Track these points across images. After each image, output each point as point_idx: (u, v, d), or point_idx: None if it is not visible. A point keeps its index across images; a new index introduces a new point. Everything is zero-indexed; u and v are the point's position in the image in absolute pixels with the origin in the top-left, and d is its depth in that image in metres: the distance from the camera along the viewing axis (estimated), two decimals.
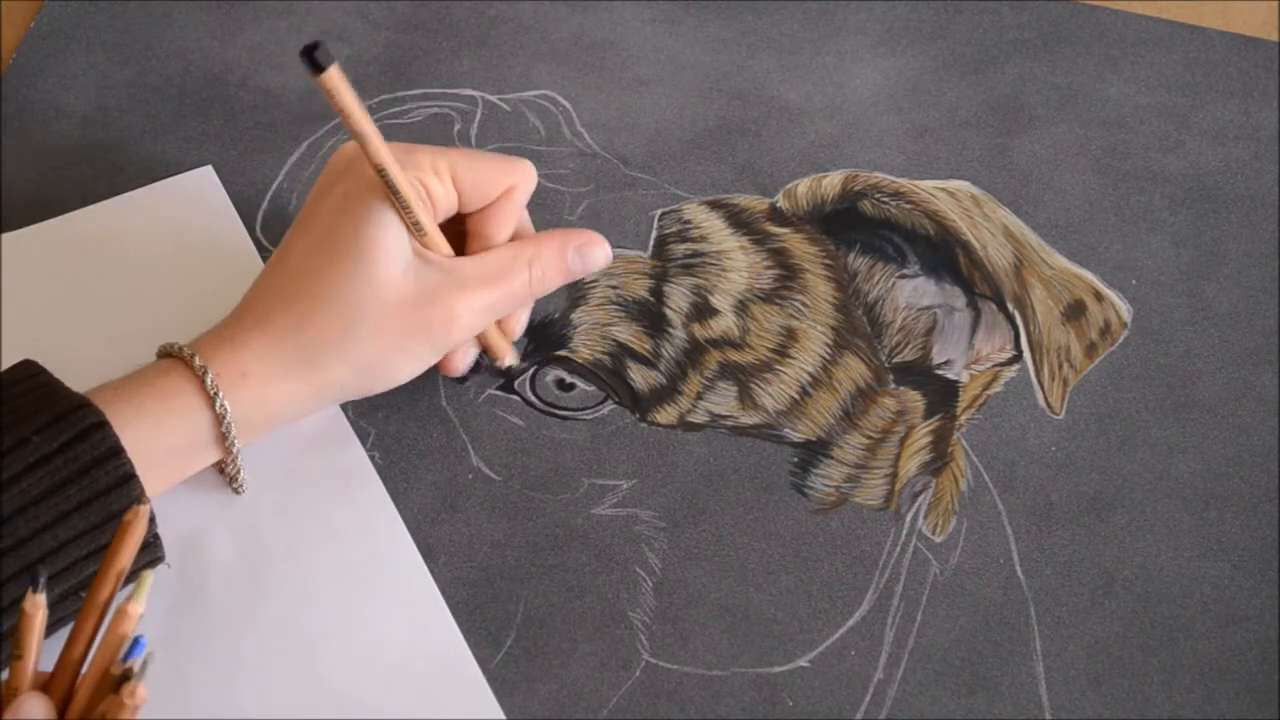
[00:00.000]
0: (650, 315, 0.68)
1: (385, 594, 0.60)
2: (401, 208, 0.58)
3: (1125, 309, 0.69)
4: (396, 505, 0.63)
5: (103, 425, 0.54)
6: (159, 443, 0.57)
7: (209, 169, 0.73)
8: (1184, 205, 0.73)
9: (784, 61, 0.78)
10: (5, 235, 0.69)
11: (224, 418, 0.57)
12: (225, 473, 0.61)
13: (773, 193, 0.73)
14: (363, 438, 0.64)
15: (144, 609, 0.46)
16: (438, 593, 0.60)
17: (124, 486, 0.54)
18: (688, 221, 0.71)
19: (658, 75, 0.78)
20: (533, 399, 0.66)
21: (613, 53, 0.78)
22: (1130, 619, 0.61)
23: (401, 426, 0.65)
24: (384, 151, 0.56)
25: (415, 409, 0.65)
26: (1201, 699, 0.59)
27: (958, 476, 0.64)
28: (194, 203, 0.71)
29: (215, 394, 0.57)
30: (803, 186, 0.73)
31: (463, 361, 0.64)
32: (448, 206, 0.60)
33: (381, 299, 0.58)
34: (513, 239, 0.62)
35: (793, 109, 0.76)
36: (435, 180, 0.59)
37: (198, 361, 0.57)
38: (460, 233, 0.62)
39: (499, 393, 0.66)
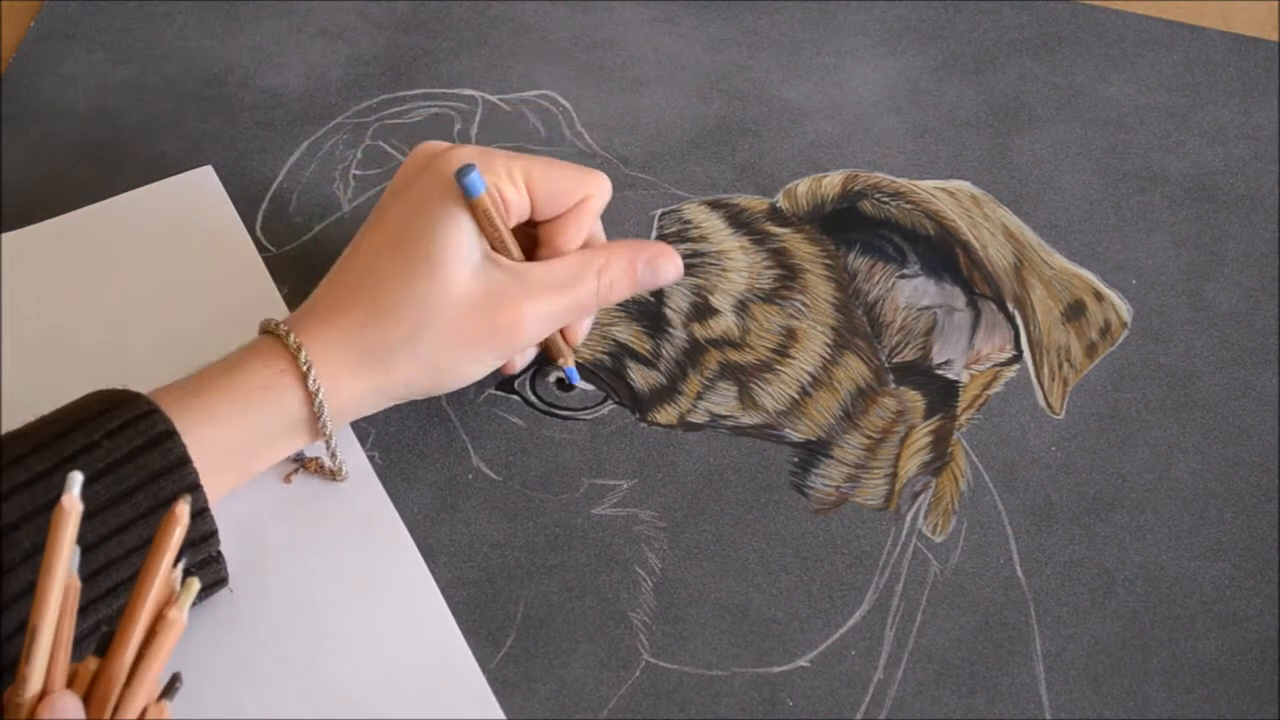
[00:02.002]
0: (650, 315, 0.68)
1: (385, 594, 0.60)
2: (498, 225, 0.59)
3: (1125, 309, 0.69)
4: (396, 505, 0.63)
5: (172, 434, 0.54)
6: (248, 429, 0.57)
7: (209, 169, 0.73)
8: (1184, 205, 0.73)
9: (784, 61, 0.78)
10: (5, 235, 0.69)
11: (315, 396, 0.58)
12: (321, 467, 0.62)
13: (773, 193, 0.73)
14: (363, 438, 0.64)
15: (185, 618, 0.46)
16: (438, 593, 0.60)
17: (190, 497, 0.55)
18: (688, 221, 0.71)
19: (658, 75, 0.78)
20: (533, 399, 0.66)
21: (613, 53, 0.78)
22: (1130, 619, 0.61)
23: (401, 426, 0.65)
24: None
25: (415, 409, 0.65)
26: (1201, 699, 0.59)
27: (958, 476, 0.64)
28: (194, 203, 0.71)
29: (307, 370, 0.57)
30: (803, 186, 0.73)
31: (522, 362, 0.64)
32: (520, 212, 0.61)
33: (450, 301, 0.58)
34: (583, 249, 0.62)
35: (793, 109, 0.76)
36: (510, 186, 0.60)
37: (292, 340, 0.58)
38: (532, 239, 0.63)
39: (499, 393, 0.66)
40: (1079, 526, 0.63)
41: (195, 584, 0.47)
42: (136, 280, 0.68)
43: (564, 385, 0.66)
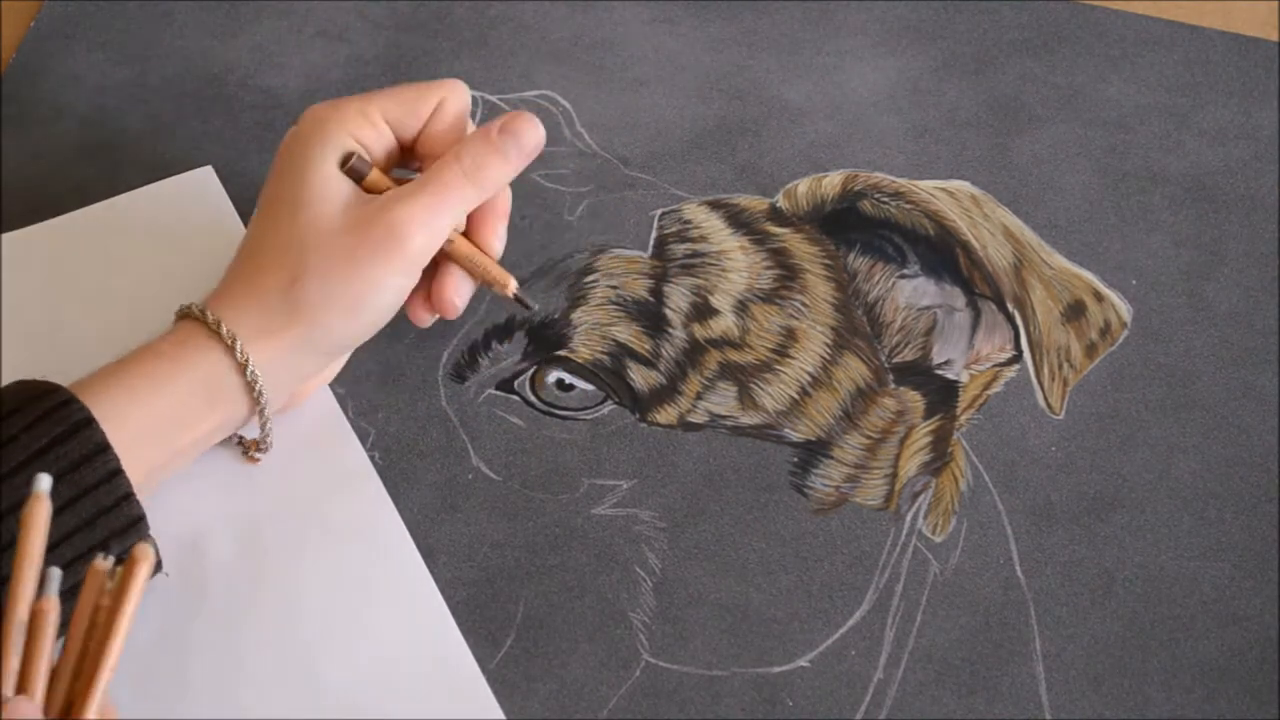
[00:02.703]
0: (650, 315, 0.68)
1: (385, 594, 0.60)
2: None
3: (1125, 309, 0.69)
4: (396, 505, 0.63)
5: (90, 422, 0.55)
6: (165, 403, 0.57)
7: (209, 169, 0.73)
8: (1184, 205, 0.73)
9: (784, 61, 0.78)
10: (5, 235, 0.69)
11: (246, 366, 0.58)
12: (245, 442, 0.62)
13: (773, 193, 0.73)
14: (363, 438, 0.64)
15: (132, 605, 0.46)
16: (438, 593, 0.60)
17: (112, 482, 0.55)
18: (688, 221, 0.71)
19: (658, 75, 0.78)
20: (533, 399, 0.66)
21: (613, 53, 0.78)
22: (1130, 619, 0.61)
23: (401, 426, 0.65)
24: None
25: (415, 409, 0.65)
26: (1201, 699, 0.59)
27: (958, 476, 0.64)
28: (194, 203, 0.71)
29: (233, 343, 0.58)
30: (803, 186, 0.73)
31: (457, 296, 0.63)
32: (386, 146, 0.62)
33: (323, 232, 0.59)
34: None
35: (793, 109, 0.76)
36: (366, 126, 0.61)
37: (210, 317, 0.58)
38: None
39: (499, 393, 0.66)
40: (1079, 526, 0.63)
41: (145, 566, 0.46)
42: (136, 280, 0.68)
43: (564, 385, 0.66)
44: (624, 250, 0.70)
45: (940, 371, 0.67)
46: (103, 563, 0.46)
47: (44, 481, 0.45)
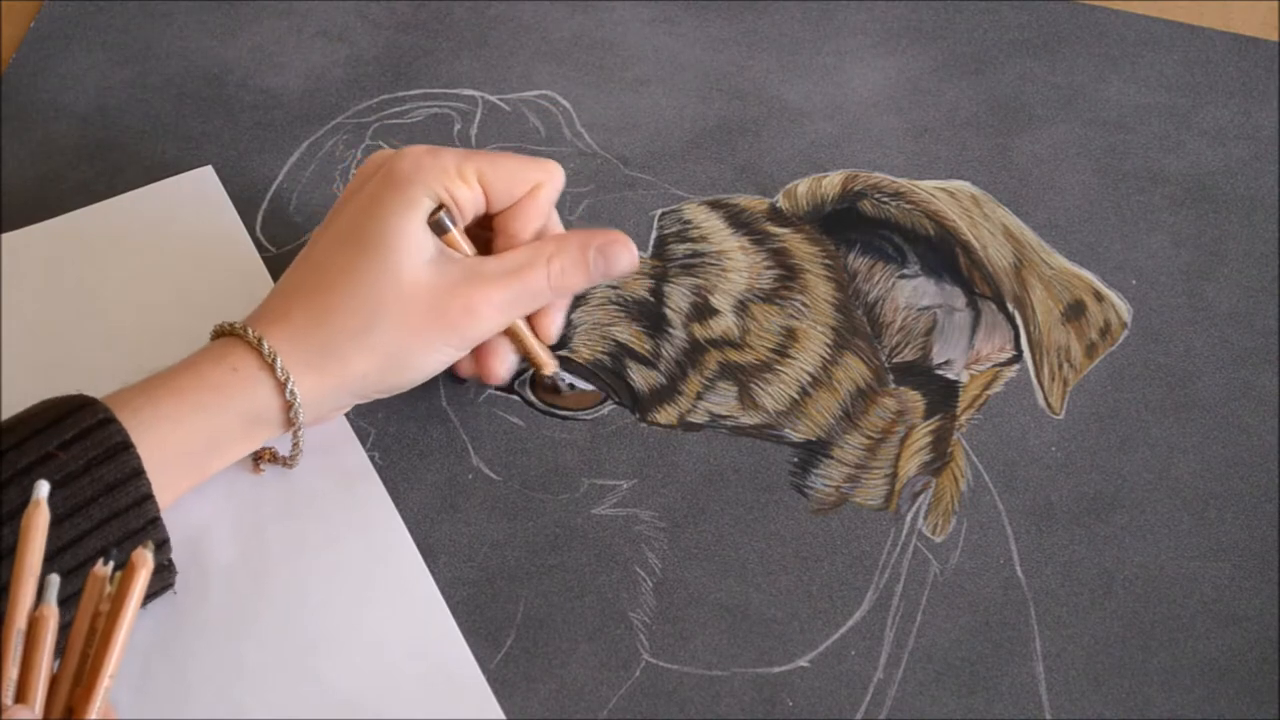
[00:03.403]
0: (650, 315, 0.68)
1: (385, 594, 0.60)
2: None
3: (1125, 309, 0.69)
4: (396, 505, 0.63)
5: (129, 448, 0.55)
6: (202, 431, 0.57)
7: (209, 169, 0.73)
8: (1184, 205, 0.73)
9: (784, 61, 0.78)
10: (5, 235, 0.69)
11: (293, 403, 0.58)
12: (275, 455, 0.62)
13: (773, 193, 0.73)
14: (363, 438, 0.64)
15: (131, 612, 0.46)
16: (438, 593, 0.60)
17: (143, 506, 0.55)
18: (688, 221, 0.71)
19: (658, 75, 0.78)
20: (533, 399, 0.66)
21: (613, 53, 0.78)
22: (1130, 619, 0.61)
23: (401, 426, 0.65)
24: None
25: (415, 409, 0.65)
26: (1201, 699, 0.59)
27: (958, 476, 0.64)
28: (194, 203, 0.71)
29: (285, 380, 0.58)
30: (803, 186, 0.73)
31: (502, 367, 0.64)
32: (475, 209, 0.61)
33: (402, 291, 0.58)
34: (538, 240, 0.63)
35: (793, 109, 0.76)
36: (460, 184, 0.60)
37: (267, 349, 0.58)
38: (487, 241, 0.63)
39: (499, 393, 0.66)
40: (1079, 526, 0.63)
41: (144, 573, 0.46)
42: (136, 280, 0.68)
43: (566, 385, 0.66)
44: None
45: (940, 371, 0.67)
46: (102, 568, 0.46)
47: (43, 489, 0.45)
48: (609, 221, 0.71)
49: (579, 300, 0.68)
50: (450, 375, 0.65)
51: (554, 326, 0.64)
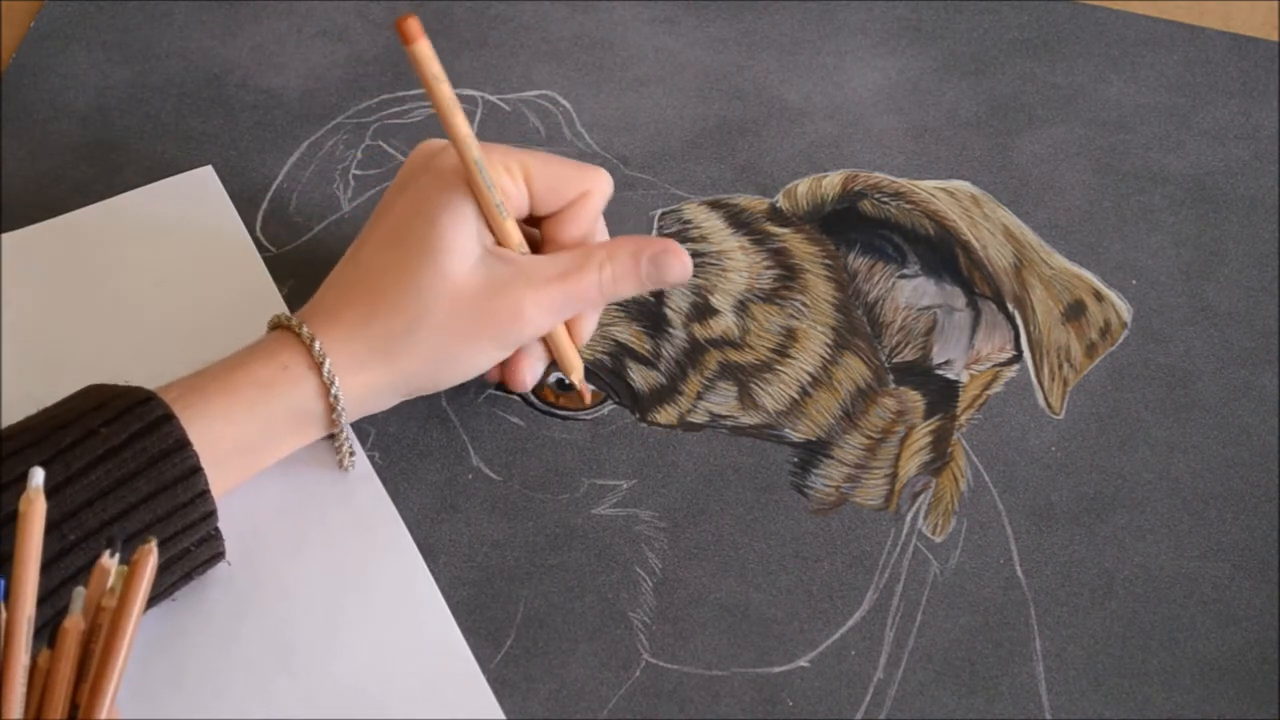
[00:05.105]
0: (650, 315, 0.68)
1: (385, 594, 0.60)
2: (485, 188, 0.58)
3: (1125, 309, 0.69)
4: (396, 505, 0.63)
5: (170, 418, 0.55)
6: (251, 425, 0.58)
7: (209, 169, 0.73)
8: (1184, 205, 0.73)
9: (784, 61, 0.78)
10: (5, 235, 0.69)
11: (336, 403, 0.59)
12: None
13: (773, 193, 0.73)
14: (363, 438, 0.64)
15: (138, 610, 0.46)
16: (438, 593, 0.60)
17: (191, 479, 0.55)
18: (688, 221, 0.71)
19: (658, 75, 0.78)
20: (533, 399, 0.66)
21: (613, 53, 0.78)
22: (1130, 619, 0.61)
23: (401, 426, 0.65)
24: (463, 124, 0.57)
25: (415, 409, 0.65)
26: (1201, 699, 0.59)
27: (958, 476, 0.64)
28: (194, 203, 0.71)
29: (322, 361, 0.58)
30: (803, 186, 0.73)
31: (529, 374, 0.63)
32: (519, 205, 0.61)
33: (450, 292, 0.58)
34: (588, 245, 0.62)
35: (793, 109, 0.76)
36: (508, 178, 0.60)
37: (318, 349, 0.58)
38: (535, 241, 0.63)
39: (499, 393, 0.66)
40: (1079, 526, 0.63)
41: (149, 569, 0.46)
42: (136, 280, 0.68)
43: (564, 385, 0.66)
44: None
45: (940, 371, 0.67)
46: (108, 560, 0.46)
47: (38, 476, 0.45)
48: (609, 222, 0.71)
49: None
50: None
51: (588, 330, 0.64)
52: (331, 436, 0.61)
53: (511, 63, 0.78)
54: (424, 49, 0.54)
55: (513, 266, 0.59)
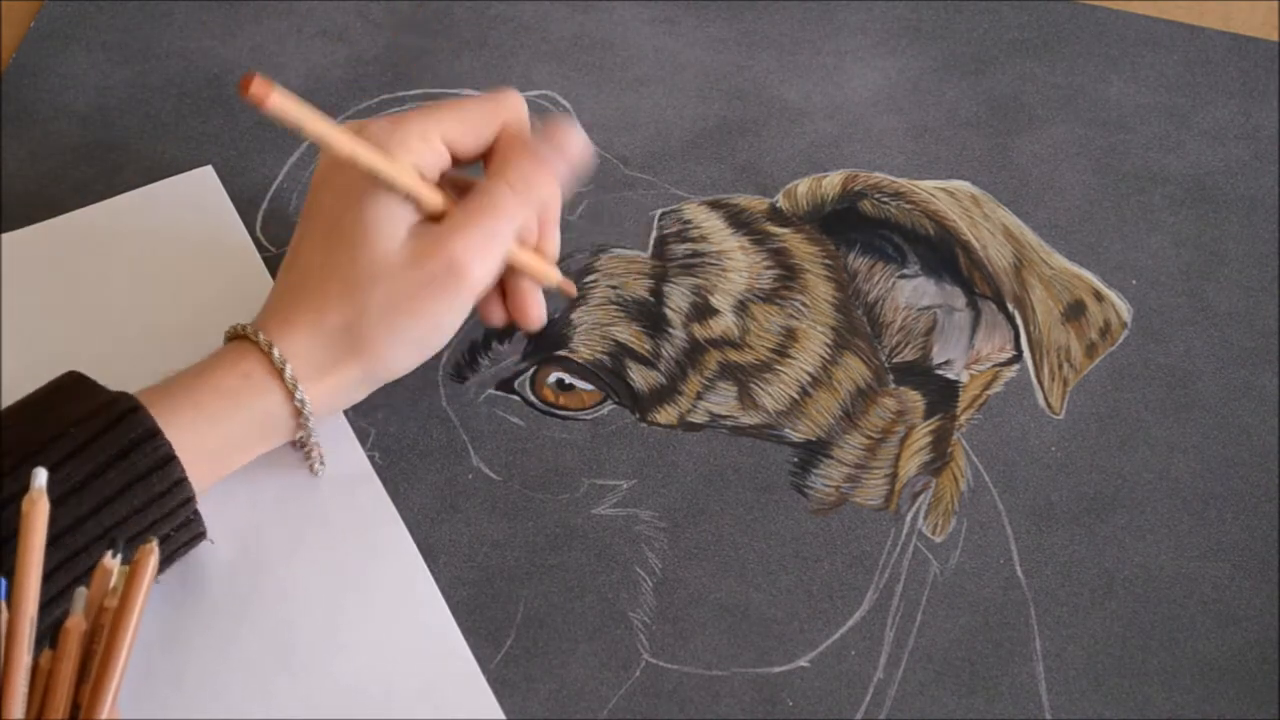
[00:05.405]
0: (650, 315, 0.68)
1: (385, 594, 0.60)
2: (393, 182, 0.58)
3: (1125, 309, 0.69)
4: (396, 505, 0.63)
5: (138, 409, 0.55)
6: (215, 435, 0.58)
7: (209, 169, 0.73)
8: (1184, 205, 0.73)
9: (784, 61, 0.78)
10: (5, 235, 0.69)
11: (303, 408, 0.59)
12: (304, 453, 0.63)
13: (773, 193, 0.73)
14: (363, 438, 0.64)
15: (140, 602, 0.46)
16: (438, 593, 0.60)
17: (165, 468, 0.55)
18: (688, 221, 0.71)
19: (658, 75, 0.78)
20: (533, 399, 0.66)
21: (613, 53, 0.78)
22: (1130, 619, 0.61)
23: (401, 426, 0.65)
24: (346, 143, 0.57)
25: (415, 409, 0.65)
26: (1201, 699, 0.59)
27: (958, 476, 0.64)
28: (194, 203, 0.71)
29: (294, 387, 0.58)
30: (803, 186, 0.73)
31: (534, 308, 0.63)
32: (441, 165, 0.61)
33: (387, 273, 0.58)
34: None
35: (793, 109, 0.76)
36: (424, 146, 0.60)
37: (277, 356, 0.58)
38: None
39: (499, 393, 0.66)
40: (1079, 526, 0.63)
41: (151, 567, 0.46)
42: (136, 280, 0.68)
43: (564, 385, 0.66)
44: (624, 250, 0.70)
45: (940, 371, 0.67)
46: (110, 560, 0.46)
47: (40, 477, 0.45)
48: (609, 221, 0.71)
49: (579, 300, 0.68)
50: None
51: (552, 244, 0.64)
52: (301, 444, 0.61)
53: (511, 63, 0.78)
54: (276, 104, 0.53)
55: (438, 226, 0.59)
